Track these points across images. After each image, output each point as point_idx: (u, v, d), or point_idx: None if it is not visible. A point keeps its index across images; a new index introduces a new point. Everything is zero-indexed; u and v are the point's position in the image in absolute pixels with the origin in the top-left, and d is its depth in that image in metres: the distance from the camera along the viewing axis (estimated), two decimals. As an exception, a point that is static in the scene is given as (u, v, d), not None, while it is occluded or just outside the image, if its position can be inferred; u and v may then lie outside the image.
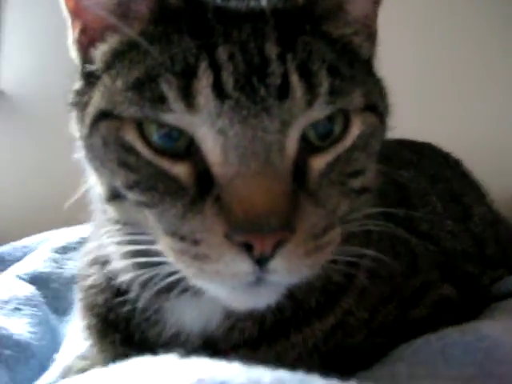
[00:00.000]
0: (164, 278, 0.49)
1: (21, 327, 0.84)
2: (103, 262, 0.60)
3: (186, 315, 0.56)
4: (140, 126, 0.47)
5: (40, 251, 1.17)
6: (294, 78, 0.45)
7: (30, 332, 0.84)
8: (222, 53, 0.45)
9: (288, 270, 0.44)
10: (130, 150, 0.47)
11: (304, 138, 0.47)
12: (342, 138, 0.48)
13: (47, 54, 1.60)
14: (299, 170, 0.46)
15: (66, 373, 0.64)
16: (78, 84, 0.55)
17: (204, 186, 0.45)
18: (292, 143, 0.45)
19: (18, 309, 0.90)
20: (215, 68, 0.44)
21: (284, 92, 0.44)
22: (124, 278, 0.55)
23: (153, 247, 0.48)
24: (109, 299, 0.60)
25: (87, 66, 0.53)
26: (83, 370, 0.61)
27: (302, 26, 0.48)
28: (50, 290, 1.03)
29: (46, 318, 0.94)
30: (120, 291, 0.58)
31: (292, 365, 0.38)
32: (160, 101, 0.44)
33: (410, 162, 0.87)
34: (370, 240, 0.58)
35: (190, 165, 0.46)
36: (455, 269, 0.71)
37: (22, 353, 0.78)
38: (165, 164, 0.46)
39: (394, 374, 0.46)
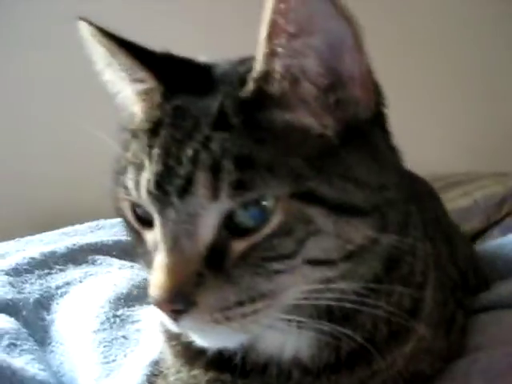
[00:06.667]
0: None
1: (30, 366, 0.77)
2: None
3: (278, 343, 0.60)
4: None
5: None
6: (199, 177, 0.50)
7: (40, 369, 0.78)
8: (154, 154, 0.52)
9: (199, 331, 0.54)
10: (125, 218, 0.59)
11: (232, 222, 0.51)
12: (264, 225, 0.50)
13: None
14: (217, 251, 0.51)
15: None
16: None
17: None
18: (207, 230, 0.51)
19: (14, 344, 0.82)
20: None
21: (188, 189, 0.50)
22: None
23: None
24: None
25: None
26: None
27: (233, 118, 0.52)
28: (22, 319, 0.94)
29: (39, 351, 0.86)
30: None
31: None
32: (125, 187, 0.55)
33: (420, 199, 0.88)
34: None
35: (154, 233, 0.54)
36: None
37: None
38: (141, 231, 0.57)
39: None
